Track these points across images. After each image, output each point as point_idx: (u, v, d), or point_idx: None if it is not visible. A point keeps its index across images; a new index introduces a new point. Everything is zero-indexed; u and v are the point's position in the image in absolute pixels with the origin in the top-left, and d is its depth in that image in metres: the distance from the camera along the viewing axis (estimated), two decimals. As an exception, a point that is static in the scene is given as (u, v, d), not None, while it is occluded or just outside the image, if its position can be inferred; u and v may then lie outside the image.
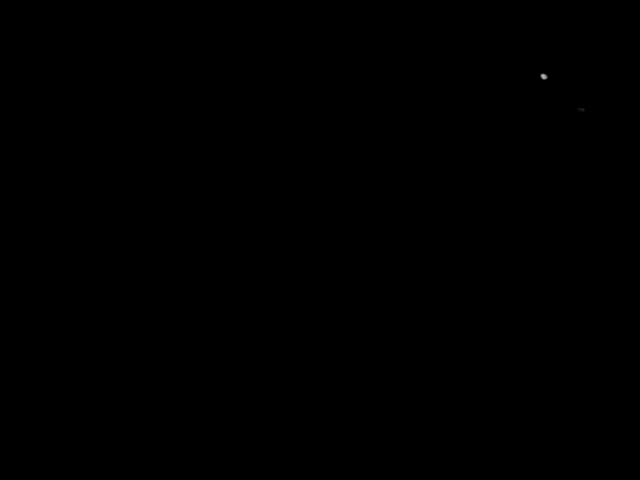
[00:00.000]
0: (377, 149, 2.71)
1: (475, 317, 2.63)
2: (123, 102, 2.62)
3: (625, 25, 2.74)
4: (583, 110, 2.74)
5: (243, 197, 2.64)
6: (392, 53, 2.74)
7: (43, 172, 2.56)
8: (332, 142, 2.69)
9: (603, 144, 2.74)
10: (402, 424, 2.52)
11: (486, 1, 2.74)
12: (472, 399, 2.56)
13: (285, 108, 2.69)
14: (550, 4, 2.76)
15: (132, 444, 2.43)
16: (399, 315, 2.62)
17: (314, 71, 2.71)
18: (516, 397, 2.56)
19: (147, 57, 2.64)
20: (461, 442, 2.51)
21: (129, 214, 2.58)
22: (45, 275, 2.52)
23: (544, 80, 2.76)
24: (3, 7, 2.50)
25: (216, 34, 2.67)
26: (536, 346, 2.61)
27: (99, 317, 2.52)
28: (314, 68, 2.71)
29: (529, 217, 2.71)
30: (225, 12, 2.67)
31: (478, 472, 2.47)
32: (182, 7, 2.64)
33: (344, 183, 2.68)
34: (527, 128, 2.74)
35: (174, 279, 2.57)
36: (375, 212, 2.68)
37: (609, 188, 2.72)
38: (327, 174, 2.68)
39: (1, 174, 2.52)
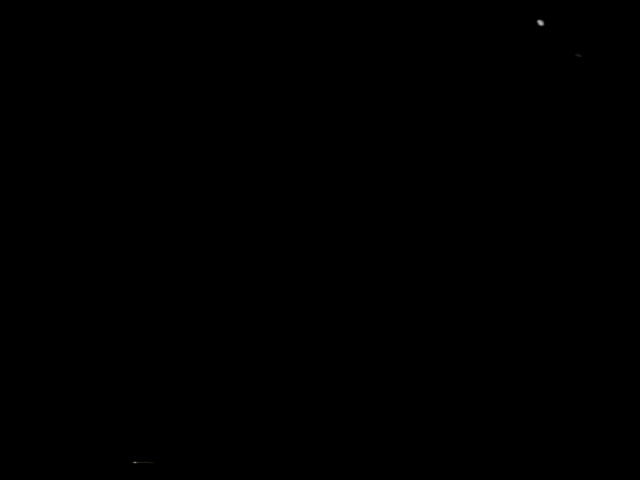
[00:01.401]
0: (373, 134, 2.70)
1: (475, 316, 2.62)
2: (123, 103, 2.62)
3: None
4: (580, 56, 2.70)
5: (243, 197, 2.64)
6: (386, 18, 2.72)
7: (44, 173, 2.57)
8: (332, 142, 2.69)
9: (601, 90, 2.70)
10: (402, 424, 2.54)
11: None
12: (472, 399, 2.56)
13: (285, 108, 2.68)
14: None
15: (132, 444, 2.46)
16: (399, 315, 2.61)
17: (314, 71, 2.70)
18: (516, 397, 2.56)
19: (147, 57, 2.64)
20: (461, 442, 2.51)
21: (129, 214, 2.59)
22: (46, 276, 2.53)
23: (541, 26, 2.72)
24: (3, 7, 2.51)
25: (216, 34, 2.67)
26: (536, 345, 2.60)
27: (99, 317, 2.54)
28: (314, 68, 2.70)
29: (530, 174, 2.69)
30: (225, 12, 2.66)
31: (478, 472, 2.48)
32: (182, 7, 2.63)
33: (344, 183, 2.67)
34: (524, 75, 2.72)
35: (174, 279, 2.58)
36: (375, 210, 2.68)
37: (608, 138, 2.69)
38: (327, 174, 2.67)
39: (2, 175, 2.54)
